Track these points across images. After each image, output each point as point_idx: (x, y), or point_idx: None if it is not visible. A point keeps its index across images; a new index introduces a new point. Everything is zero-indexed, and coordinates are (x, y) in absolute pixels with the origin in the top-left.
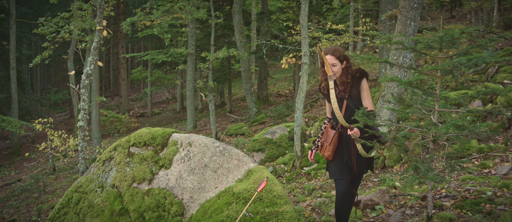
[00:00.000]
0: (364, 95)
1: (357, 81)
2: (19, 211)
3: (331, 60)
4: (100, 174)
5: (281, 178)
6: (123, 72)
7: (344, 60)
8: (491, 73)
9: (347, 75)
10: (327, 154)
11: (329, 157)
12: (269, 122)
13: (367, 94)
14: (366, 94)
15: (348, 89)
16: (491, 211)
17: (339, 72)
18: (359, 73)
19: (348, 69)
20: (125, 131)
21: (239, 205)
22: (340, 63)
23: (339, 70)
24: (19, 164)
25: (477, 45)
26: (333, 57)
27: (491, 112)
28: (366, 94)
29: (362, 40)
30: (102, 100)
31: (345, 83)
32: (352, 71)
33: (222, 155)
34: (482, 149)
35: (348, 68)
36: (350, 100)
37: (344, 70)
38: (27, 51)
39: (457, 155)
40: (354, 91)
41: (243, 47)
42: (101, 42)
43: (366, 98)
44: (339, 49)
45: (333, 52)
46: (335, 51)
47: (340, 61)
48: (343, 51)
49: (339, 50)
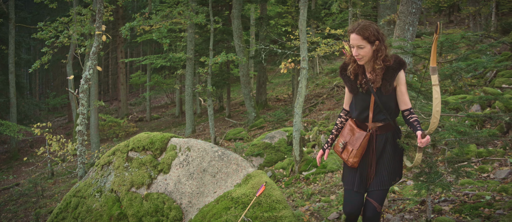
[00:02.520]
0: (403, 90)
1: (392, 72)
2: (17, 215)
3: (356, 41)
4: (99, 178)
5: (280, 182)
6: (122, 76)
7: (375, 41)
8: (489, 78)
9: (378, 61)
10: (353, 160)
11: (355, 164)
12: (268, 126)
13: (405, 89)
14: (405, 89)
15: (378, 81)
16: (490, 216)
17: (368, 56)
18: (396, 62)
19: (379, 52)
20: (124, 136)
21: (238, 210)
22: (370, 45)
23: (368, 54)
24: (17, 168)
25: (476, 50)
26: (359, 37)
27: (489, 116)
28: (405, 89)
29: None
30: (100, 105)
31: (376, 72)
32: (385, 57)
33: (221, 160)
34: (481, 153)
35: (379, 52)
36: (379, 96)
37: (375, 53)
38: (26, 55)
39: (457, 159)
40: (386, 85)
41: (242, 52)
42: (100, 47)
43: (405, 94)
44: (369, 26)
45: (360, 30)
46: (363, 29)
47: (370, 42)
48: (375, 29)
49: (369, 27)
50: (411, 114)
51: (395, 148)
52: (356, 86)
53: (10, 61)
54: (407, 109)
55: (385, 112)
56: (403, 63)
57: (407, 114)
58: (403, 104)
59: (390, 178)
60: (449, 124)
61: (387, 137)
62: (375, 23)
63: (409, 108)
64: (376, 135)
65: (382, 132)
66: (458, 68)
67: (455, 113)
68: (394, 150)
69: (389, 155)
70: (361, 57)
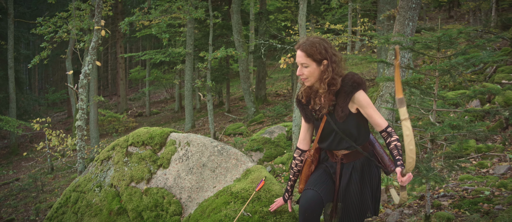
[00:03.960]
0: (369, 113)
1: (344, 97)
2: (17, 210)
3: (300, 58)
4: (98, 173)
5: (280, 177)
6: (121, 72)
7: (322, 60)
8: (489, 73)
9: (323, 84)
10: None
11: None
12: (268, 121)
13: (372, 110)
14: (373, 110)
15: (325, 106)
16: (489, 211)
17: (313, 77)
18: (349, 84)
19: (324, 74)
20: (123, 131)
21: (237, 205)
22: (316, 64)
23: (313, 74)
24: (17, 163)
25: (475, 45)
26: (303, 54)
27: (489, 111)
28: (372, 110)
29: (360, 40)
30: (100, 100)
31: (324, 96)
32: (332, 81)
33: (221, 155)
34: (480, 148)
35: (325, 73)
36: (334, 123)
37: (322, 75)
38: (25, 51)
39: (455, 154)
40: (338, 111)
41: (241, 47)
42: (99, 42)
43: (374, 115)
44: (317, 43)
45: (305, 46)
46: (308, 45)
47: (315, 61)
48: (324, 47)
49: (316, 44)
50: (389, 135)
51: (363, 178)
52: (310, 113)
53: (9, 56)
54: (383, 130)
55: (347, 139)
56: (359, 84)
57: (385, 136)
58: (376, 126)
59: (359, 215)
60: (447, 119)
61: (354, 165)
62: (327, 41)
63: (385, 128)
64: (342, 164)
65: (349, 160)
66: (457, 63)
67: (455, 108)
68: (362, 181)
69: (355, 186)
70: (306, 77)
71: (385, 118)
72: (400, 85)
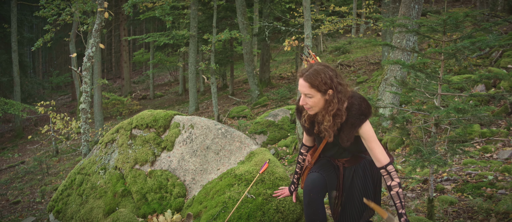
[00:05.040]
0: (371, 146)
1: (349, 129)
2: (23, 192)
3: (303, 88)
4: (103, 156)
5: (283, 160)
6: (125, 54)
7: (328, 90)
8: (494, 58)
9: (328, 115)
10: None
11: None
12: (271, 104)
13: (374, 144)
14: (375, 144)
15: (331, 135)
16: (492, 195)
17: (318, 106)
18: (355, 115)
19: (330, 105)
20: (127, 113)
21: (241, 187)
22: (320, 94)
23: (318, 104)
24: (22, 146)
25: (481, 28)
26: (307, 84)
27: (493, 96)
28: (374, 144)
29: (365, 23)
30: (104, 83)
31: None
32: (337, 113)
33: (224, 137)
34: (484, 133)
35: (330, 104)
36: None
37: (327, 105)
38: (28, 34)
39: (459, 139)
40: (343, 140)
41: (245, 29)
42: (102, 24)
43: (375, 148)
44: (321, 72)
45: (309, 77)
46: (312, 75)
47: (320, 91)
48: (329, 76)
49: (320, 73)
50: (390, 177)
51: (365, 172)
52: (313, 132)
53: (13, 39)
54: (383, 167)
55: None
56: (365, 115)
57: (385, 174)
58: (376, 161)
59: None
60: (452, 103)
61: (356, 170)
62: (332, 68)
63: (385, 166)
64: (344, 168)
65: (351, 164)
66: (463, 47)
67: (460, 92)
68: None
69: (359, 179)
70: (310, 107)
71: (389, 102)
72: (382, 210)
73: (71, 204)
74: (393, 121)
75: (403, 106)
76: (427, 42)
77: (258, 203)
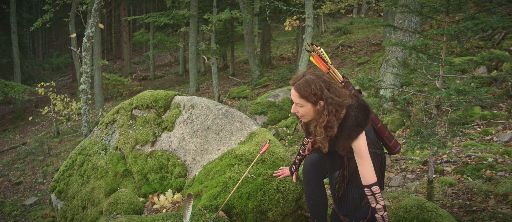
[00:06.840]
0: (360, 162)
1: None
2: (25, 173)
3: (294, 97)
4: (103, 136)
5: (284, 140)
6: (125, 35)
7: (318, 101)
8: (497, 40)
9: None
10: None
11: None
12: (272, 85)
13: (364, 161)
14: (366, 161)
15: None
16: (491, 177)
17: (309, 116)
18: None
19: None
20: (128, 94)
21: (242, 167)
22: (311, 104)
23: (309, 113)
24: (24, 128)
25: (485, 9)
26: (297, 94)
27: (495, 78)
28: (366, 161)
29: (367, 3)
30: (104, 64)
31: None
32: (327, 125)
33: (225, 118)
34: (485, 115)
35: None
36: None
37: (318, 116)
38: (27, 15)
39: (460, 121)
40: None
41: (246, 9)
42: (102, 3)
43: (364, 165)
44: (312, 83)
45: (299, 87)
46: (302, 85)
47: (310, 102)
48: (320, 87)
49: (311, 84)
50: (375, 199)
51: None
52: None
53: (12, 20)
54: (367, 186)
55: None
56: (362, 125)
57: (368, 193)
58: (362, 178)
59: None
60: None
61: None
62: (325, 78)
63: (370, 185)
64: (348, 158)
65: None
66: (465, 28)
67: (461, 74)
68: None
69: None
70: (301, 115)
71: (391, 83)
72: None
73: (73, 184)
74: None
75: (404, 87)
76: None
77: (259, 183)
